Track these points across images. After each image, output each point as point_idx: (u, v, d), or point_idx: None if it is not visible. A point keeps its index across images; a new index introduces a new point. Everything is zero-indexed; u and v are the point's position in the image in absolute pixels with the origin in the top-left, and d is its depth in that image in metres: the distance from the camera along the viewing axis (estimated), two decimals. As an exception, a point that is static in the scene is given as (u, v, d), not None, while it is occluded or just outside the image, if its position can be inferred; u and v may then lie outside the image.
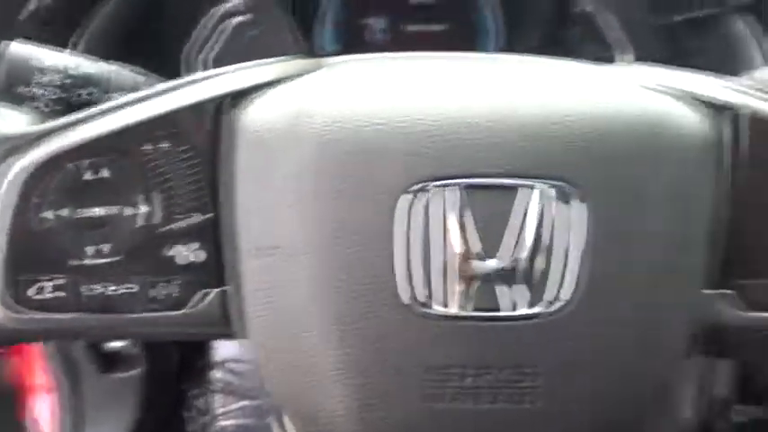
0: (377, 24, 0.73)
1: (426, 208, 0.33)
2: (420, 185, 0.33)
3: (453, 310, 0.33)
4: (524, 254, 0.33)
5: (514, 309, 0.33)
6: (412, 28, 0.73)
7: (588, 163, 0.33)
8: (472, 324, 0.33)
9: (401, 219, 0.33)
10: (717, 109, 0.37)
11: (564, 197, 0.33)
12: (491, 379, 0.34)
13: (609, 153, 0.34)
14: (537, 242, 0.33)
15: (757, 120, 0.36)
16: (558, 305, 0.33)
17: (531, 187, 0.33)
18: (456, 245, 0.33)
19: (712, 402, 0.81)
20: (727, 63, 0.61)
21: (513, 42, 0.73)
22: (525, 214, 0.33)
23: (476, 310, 0.33)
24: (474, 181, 0.33)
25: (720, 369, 0.80)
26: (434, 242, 0.33)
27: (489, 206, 0.33)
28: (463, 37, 0.74)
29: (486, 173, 0.33)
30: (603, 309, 0.34)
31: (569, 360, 0.34)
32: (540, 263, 0.33)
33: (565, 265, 0.33)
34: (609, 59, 0.73)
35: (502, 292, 0.33)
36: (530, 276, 0.33)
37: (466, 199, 0.33)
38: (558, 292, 0.33)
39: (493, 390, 0.34)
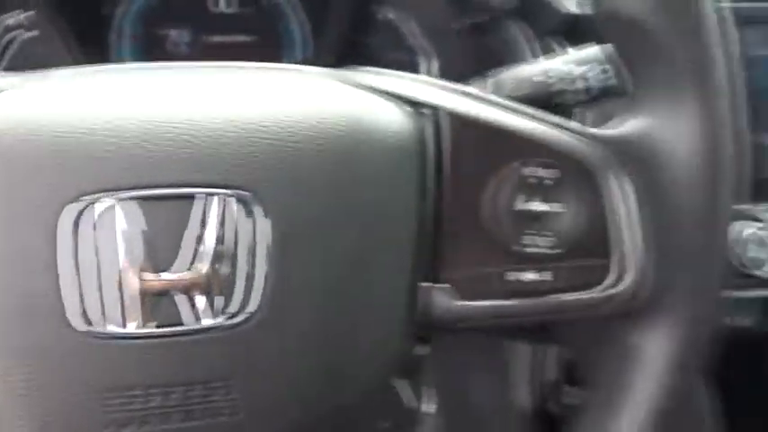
0: (178, 36, 0.71)
1: (95, 222, 0.31)
2: (88, 198, 0.31)
3: (132, 328, 0.31)
4: (206, 266, 0.32)
5: (199, 322, 0.32)
6: (215, 39, 0.72)
7: (270, 169, 0.32)
8: (154, 342, 0.32)
9: (65, 236, 0.31)
10: (419, 108, 0.37)
11: (245, 206, 0.32)
12: (180, 397, 0.32)
13: (295, 158, 0.33)
14: (219, 253, 0.32)
15: (456, 119, 0.37)
16: (244, 315, 0.32)
17: (209, 197, 0.32)
18: (131, 259, 0.31)
19: (543, 386, 0.84)
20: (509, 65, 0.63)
21: (320, 51, 0.73)
22: (205, 225, 0.32)
23: (157, 326, 0.32)
24: (146, 192, 0.31)
25: (550, 354, 0.83)
26: (106, 258, 0.31)
27: (166, 217, 0.32)
28: (269, 47, 0.73)
29: (159, 183, 0.31)
30: (299, 315, 0.33)
31: (266, 369, 0.33)
32: (223, 274, 0.32)
33: (250, 275, 0.32)
34: (413, 65, 0.74)
35: (184, 305, 0.32)
36: (213, 288, 0.32)
37: (139, 210, 0.31)
38: (245, 302, 0.32)
39: (184, 408, 0.32)
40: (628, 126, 0.37)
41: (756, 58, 0.62)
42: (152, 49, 0.71)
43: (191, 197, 0.32)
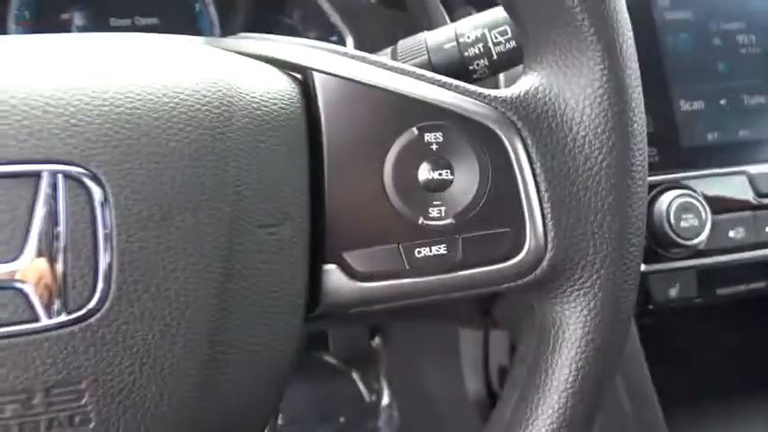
0: (82, 20, 0.67)
1: None
2: None
3: None
4: (40, 256, 0.28)
5: (36, 321, 0.28)
6: (122, 22, 0.68)
7: (120, 145, 0.29)
8: None
9: None
10: (306, 74, 0.34)
11: (84, 185, 0.28)
12: (36, 404, 0.28)
13: (155, 130, 0.30)
14: (55, 242, 0.28)
15: (345, 84, 0.34)
16: (86, 309, 0.28)
17: (41, 175, 0.28)
18: None
19: (494, 372, 0.83)
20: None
21: (232, 30, 0.69)
22: (36, 208, 0.28)
23: None
24: None
25: (502, 340, 0.83)
26: None
27: None
28: (180, 29, 0.69)
29: None
30: (156, 306, 0.29)
31: (121, 369, 0.29)
32: (60, 264, 0.28)
33: (93, 264, 0.28)
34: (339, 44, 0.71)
35: (15, 303, 0.28)
36: (50, 281, 0.28)
37: None
38: (87, 295, 0.28)
39: (41, 416, 0.28)
40: (523, 85, 0.35)
41: (672, 22, 0.61)
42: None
43: (20, 175, 0.28)
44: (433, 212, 0.34)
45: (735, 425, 0.70)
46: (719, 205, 0.59)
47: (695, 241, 0.58)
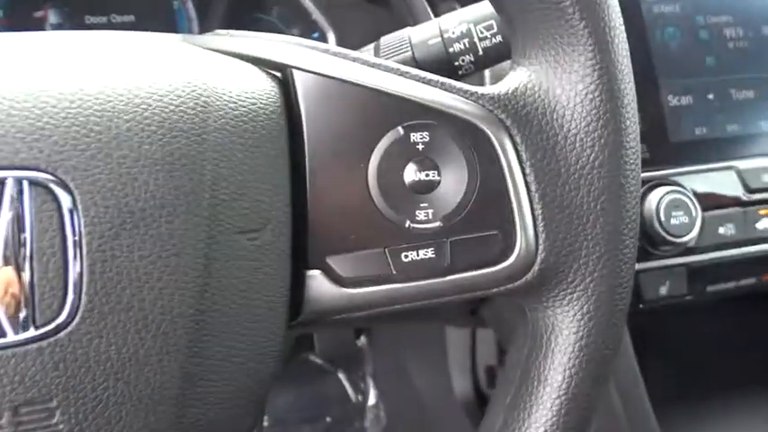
0: (52, 17, 0.65)
1: None
2: None
3: None
4: (4, 265, 0.26)
5: (2, 336, 0.26)
6: (97, 19, 0.66)
7: (89, 149, 0.27)
8: None
9: None
10: (286, 72, 0.33)
11: (51, 193, 0.27)
12: (4, 424, 0.27)
13: (126, 132, 0.28)
14: (22, 249, 0.27)
15: (327, 82, 0.32)
16: (54, 325, 0.27)
17: (2, 183, 0.26)
18: None
19: (480, 370, 0.83)
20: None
21: (211, 28, 0.68)
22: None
23: None
24: None
25: (486, 338, 0.82)
26: None
27: None
28: (157, 27, 0.67)
29: None
30: (130, 319, 0.28)
31: (94, 385, 0.28)
32: (27, 275, 0.27)
33: (62, 275, 0.27)
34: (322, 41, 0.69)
35: None
36: (17, 294, 0.27)
37: None
38: (57, 308, 0.27)
39: None
40: (511, 81, 0.34)
41: (660, 15, 0.60)
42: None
43: None
44: (420, 215, 0.33)
45: (726, 423, 0.69)
46: (709, 202, 0.58)
47: (685, 239, 0.57)
